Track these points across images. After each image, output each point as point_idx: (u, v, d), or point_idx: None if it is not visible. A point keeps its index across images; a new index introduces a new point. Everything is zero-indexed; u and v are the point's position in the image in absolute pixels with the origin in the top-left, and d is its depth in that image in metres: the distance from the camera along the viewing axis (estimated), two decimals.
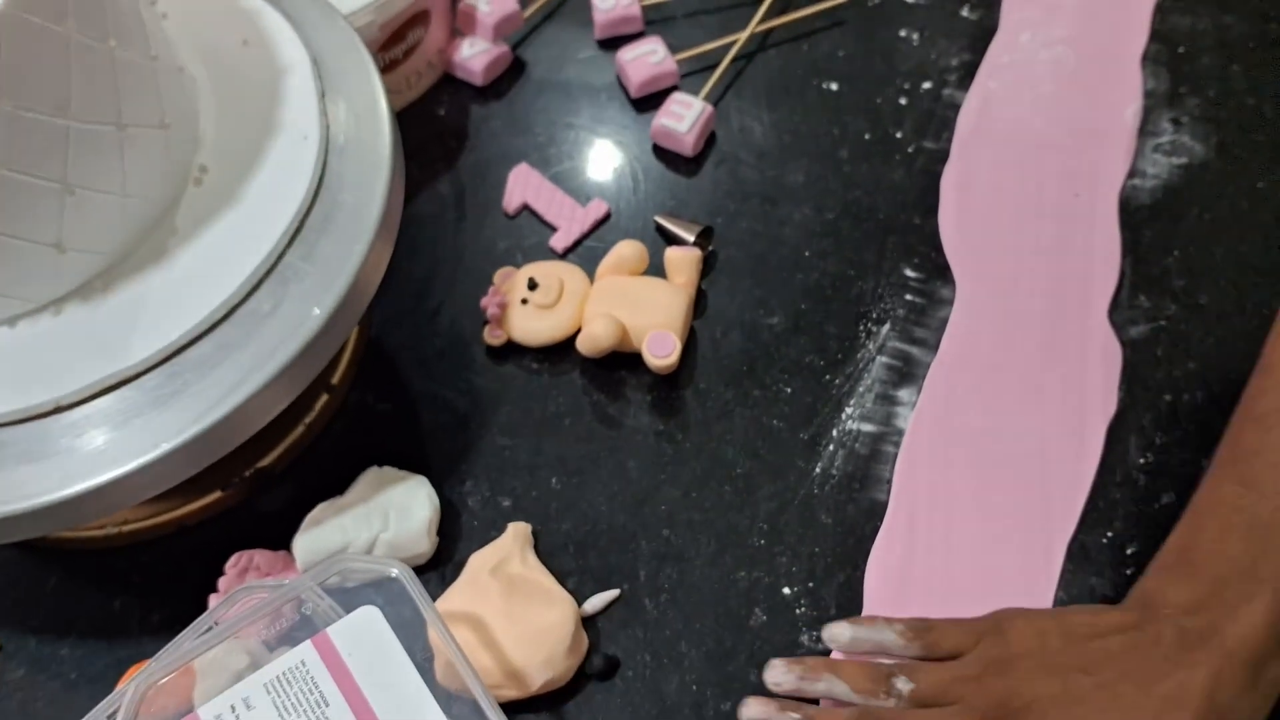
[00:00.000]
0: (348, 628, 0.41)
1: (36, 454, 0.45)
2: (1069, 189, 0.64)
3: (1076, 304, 0.60)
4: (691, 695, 0.51)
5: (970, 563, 0.53)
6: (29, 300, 0.47)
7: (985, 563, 0.53)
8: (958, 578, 0.53)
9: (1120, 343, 0.58)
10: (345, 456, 0.56)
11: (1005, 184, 0.64)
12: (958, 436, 0.56)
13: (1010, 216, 0.63)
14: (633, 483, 0.56)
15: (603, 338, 0.57)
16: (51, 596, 0.55)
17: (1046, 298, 0.60)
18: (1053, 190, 0.64)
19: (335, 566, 0.44)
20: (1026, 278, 0.61)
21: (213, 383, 0.45)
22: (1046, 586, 0.52)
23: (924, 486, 0.55)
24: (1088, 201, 0.63)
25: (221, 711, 0.40)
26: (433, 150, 0.68)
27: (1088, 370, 0.58)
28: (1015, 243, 0.62)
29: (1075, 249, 0.62)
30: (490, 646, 0.49)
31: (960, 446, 0.56)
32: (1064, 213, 0.63)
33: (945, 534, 0.54)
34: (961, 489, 0.55)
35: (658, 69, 0.68)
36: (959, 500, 0.55)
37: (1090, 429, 0.56)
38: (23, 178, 0.42)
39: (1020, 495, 0.55)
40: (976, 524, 0.54)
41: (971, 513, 0.54)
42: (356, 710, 0.40)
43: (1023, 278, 0.61)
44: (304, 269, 0.48)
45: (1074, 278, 0.60)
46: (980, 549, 0.53)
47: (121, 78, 0.45)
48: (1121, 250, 0.61)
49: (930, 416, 0.57)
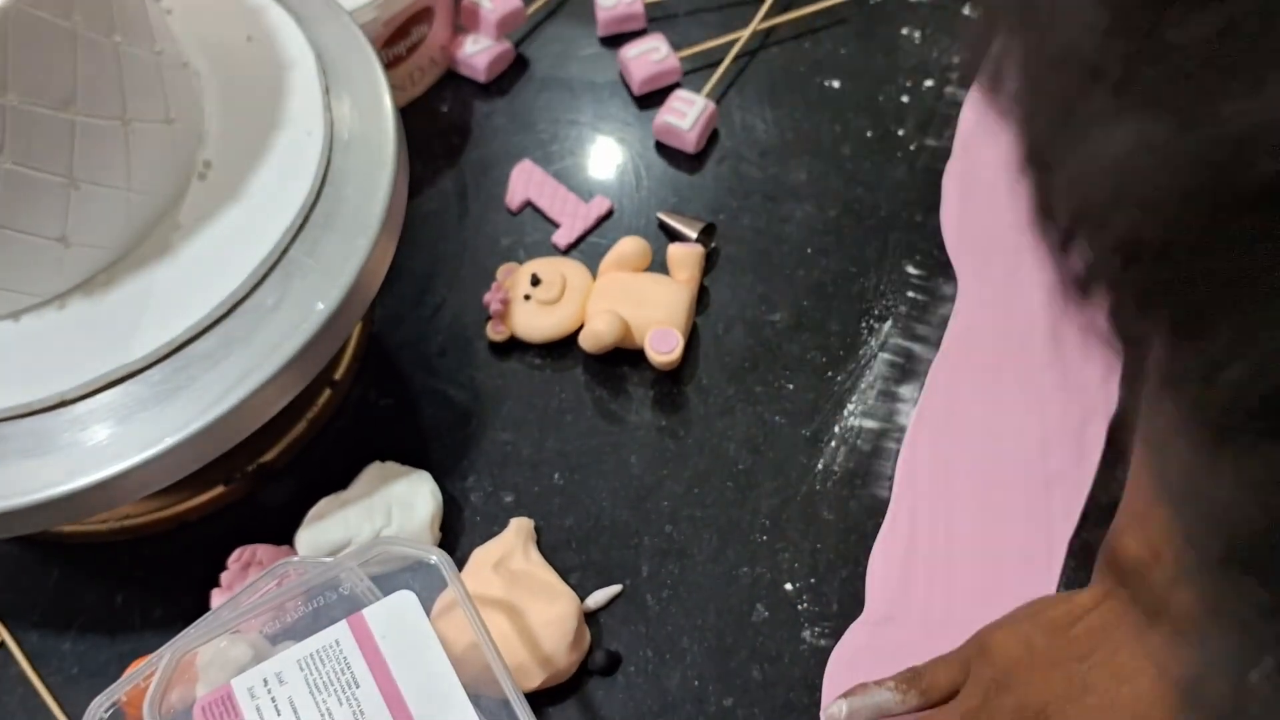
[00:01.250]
0: (384, 610, 0.41)
1: (40, 448, 0.45)
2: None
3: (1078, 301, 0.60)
4: (693, 691, 0.51)
5: (972, 559, 0.53)
6: (33, 294, 0.47)
7: (986, 559, 0.53)
8: (959, 574, 0.53)
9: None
10: (348, 451, 0.57)
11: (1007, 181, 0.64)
12: (960, 433, 0.56)
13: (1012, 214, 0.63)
14: (635, 478, 0.56)
15: (605, 334, 0.57)
16: (54, 591, 0.55)
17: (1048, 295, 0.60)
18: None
19: (377, 547, 0.44)
20: (1028, 274, 0.61)
21: (216, 378, 0.45)
22: (1048, 583, 0.52)
23: (925, 483, 0.55)
24: None
25: (254, 684, 0.40)
26: (436, 146, 0.68)
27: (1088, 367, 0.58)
28: (1016, 241, 0.62)
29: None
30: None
31: (962, 443, 0.56)
32: None
33: (947, 530, 0.54)
34: (963, 486, 0.55)
35: (660, 66, 0.68)
36: (960, 497, 0.55)
37: (1091, 426, 0.56)
38: (28, 172, 0.43)
39: (1022, 492, 0.55)
40: (978, 521, 0.54)
41: (973, 509, 0.54)
42: (386, 693, 0.40)
43: (1024, 274, 0.61)
44: (308, 264, 0.48)
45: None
46: (981, 545, 0.53)
47: (127, 73, 0.45)
48: None
49: (932, 413, 0.57)
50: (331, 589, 0.44)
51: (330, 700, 0.40)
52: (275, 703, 0.40)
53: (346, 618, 0.41)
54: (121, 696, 0.42)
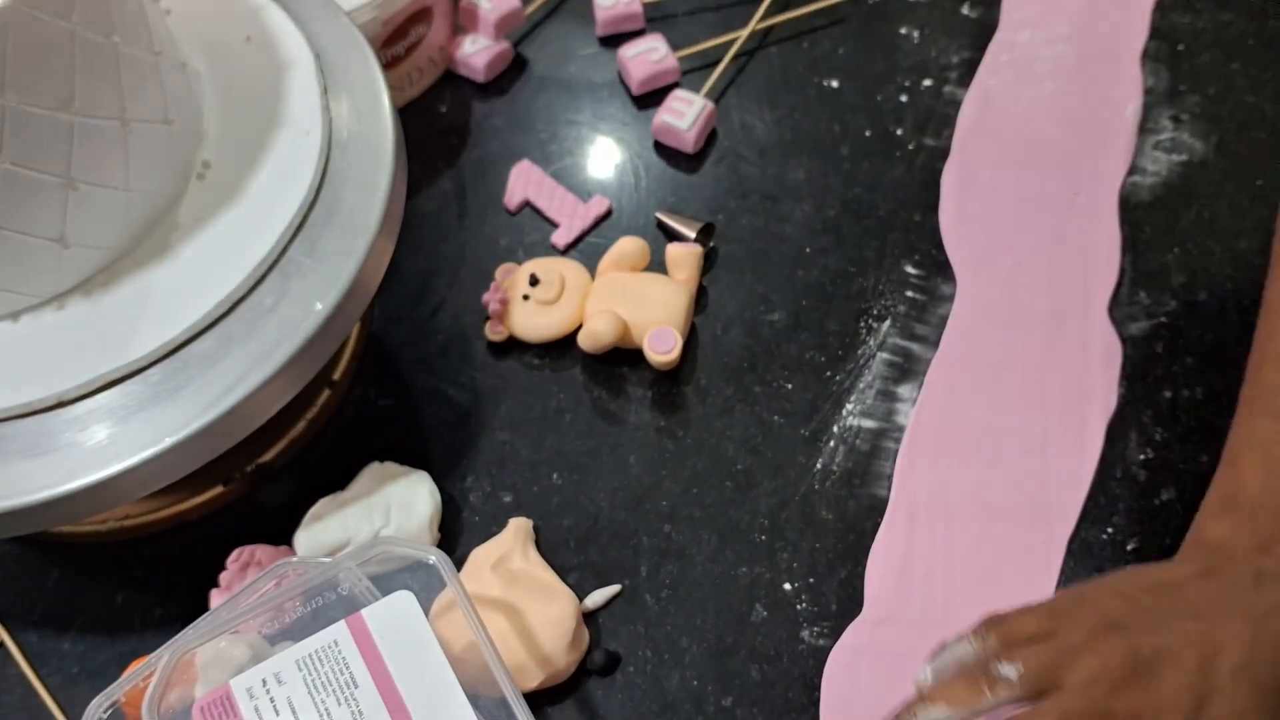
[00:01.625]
0: (383, 611, 0.41)
1: (39, 449, 0.45)
2: (1069, 186, 0.64)
3: (1077, 300, 0.60)
4: (692, 691, 0.51)
5: (971, 558, 0.53)
6: (32, 295, 0.47)
7: (985, 558, 0.53)
8: (958, 573, 0.53)
9: (1120, 339, 0.58)
10: (347, 452, 0.57)
11: (1005, 181, 0.64)
12: (958, 433, 0.56)
13: (1011, 213, 0.63)
14: (634, 479, 0.56)
15: (604, 334, 0.57)
16: (53, 591, 0.55)
17: (1047, 294, 0.60)
18: (1053, 187, 0.64)
19: (376, 548, 0.44)
20: (1027, 274, 0.61)
21: (215, 378, 0.45)
22: (1047, 582, 0.52)
23: (924, 483, 0.55)
24: (1088, 198, 0.63)
25: (253, 685, 0.40)
26: (434, 147, 0.68)
27: (1087, 367, 0.58)
28: (1015, 240, 0.62)
29: (1075, 245, 0.62)
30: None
31: (961, 443, 0.56)
32: (1064, 209, 0.63)
33: (946, 530, 0.54)
34: (962, 485, 0.55)
35: (659, 66, 0.68)
36: (959, 497, 0.55)
37: (1090, 426, 0.56)
38: (27, 173, 0.43)
39: (1020, 491, 0.55)
40: (977, 520, 0.54)
41: (972, 509, 0.54)
42: (385, 693, 0.40)
43: (1023, 274, 0.61)
44: (306, 264, 0.48)
45: (1074, 274, 0.61)
46: (980, 545, 0.53)
47: (125, 73, 0.45)
48: (1121, 247, 0.61)
49: (931, 413, 0.57)
50: (330, 589, 0.44)
51: (329, 700, 0.40)
52: (274, 703, 0.40)
53: (345, 618, 0.41)
54: (121, 696, 0.42)
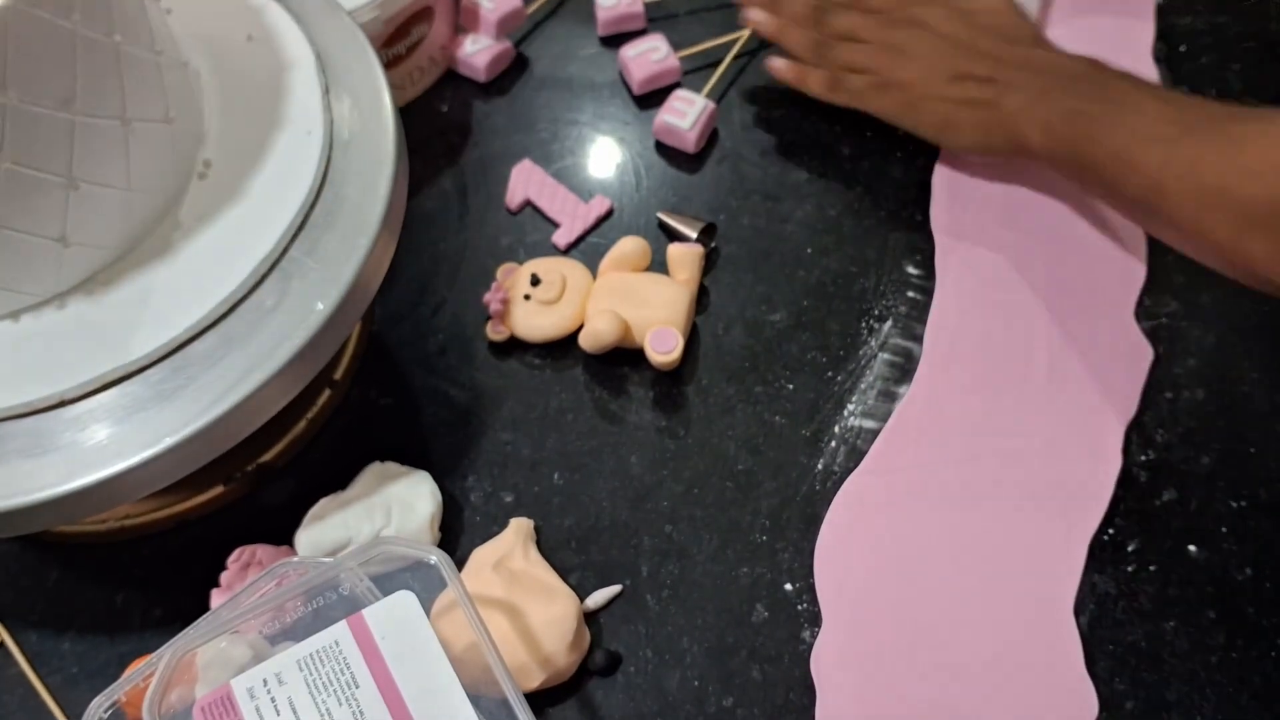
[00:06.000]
0: (384, 611, 0.41)
1: (39, 448, 0.45)
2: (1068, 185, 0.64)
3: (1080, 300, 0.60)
4: (693, 691, 0.51)
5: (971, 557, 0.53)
6: (32, 294, 0.47)
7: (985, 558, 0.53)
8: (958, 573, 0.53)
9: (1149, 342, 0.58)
10: (347, 451, 0.57)
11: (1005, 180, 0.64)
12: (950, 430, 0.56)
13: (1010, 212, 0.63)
14: (635, 479, 0.56)
15: (605, 334, 0.57)
16: (53, 591, 0.55)
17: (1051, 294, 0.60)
18: (1052, 187, 0.64)
19: (377, 547, 0.44)
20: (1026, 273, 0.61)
21: (216, 377, 0.45)
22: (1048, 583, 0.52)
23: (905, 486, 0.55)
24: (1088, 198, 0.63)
25: (254, 685, 0.40)
26: (436, 146, 0.68)
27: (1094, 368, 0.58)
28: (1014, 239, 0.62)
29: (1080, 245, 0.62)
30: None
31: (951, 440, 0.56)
32: (1063, 208, 0.63)
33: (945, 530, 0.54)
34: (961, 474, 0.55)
35: (660, 66, 0.68)
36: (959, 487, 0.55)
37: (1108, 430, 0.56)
38: (27, 172, 0.43)
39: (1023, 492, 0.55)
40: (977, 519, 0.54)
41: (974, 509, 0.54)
42: (386, 694, 0.40)
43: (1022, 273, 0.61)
44: (307, 264, 0.48)
45: (1074, 274, 0.61)
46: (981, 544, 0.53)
47: (126, 72, 0.45)
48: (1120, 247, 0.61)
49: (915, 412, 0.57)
50: (331, 589, 0.44)
51: (330, 700, 0.40)
52: (275, 703, 0.40)
53: (346, 618, 0.41)
54: (121, 696, 0.42)
